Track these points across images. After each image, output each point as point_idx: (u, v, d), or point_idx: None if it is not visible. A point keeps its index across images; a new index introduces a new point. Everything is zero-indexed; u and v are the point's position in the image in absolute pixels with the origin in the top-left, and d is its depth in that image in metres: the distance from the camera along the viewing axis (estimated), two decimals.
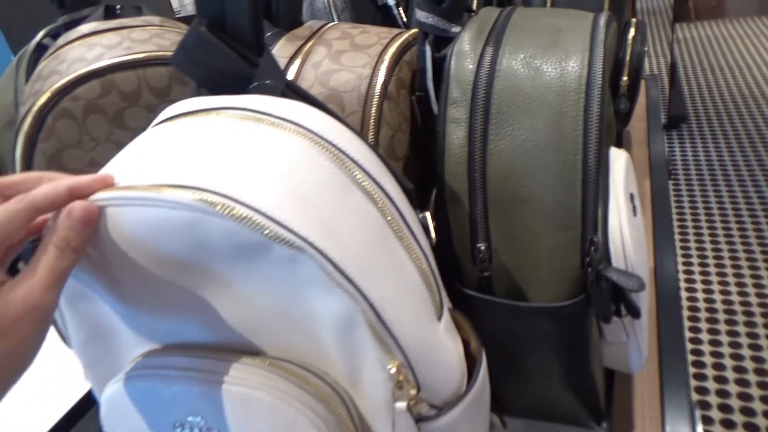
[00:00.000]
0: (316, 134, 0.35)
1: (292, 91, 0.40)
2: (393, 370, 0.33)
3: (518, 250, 0.41)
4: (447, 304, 0.40)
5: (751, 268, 1.78)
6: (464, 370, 0.38)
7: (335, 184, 0.34)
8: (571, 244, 0.39)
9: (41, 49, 0.66)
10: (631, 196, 0.48)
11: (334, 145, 0.35)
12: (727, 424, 1.38)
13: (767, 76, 2.98)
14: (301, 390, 0.35)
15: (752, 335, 1.56)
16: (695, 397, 1.44)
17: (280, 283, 0.33)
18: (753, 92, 2.81)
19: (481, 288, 0.42)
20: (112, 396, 0.40)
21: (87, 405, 0.57)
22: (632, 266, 0.42)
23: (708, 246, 1.89)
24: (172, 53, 0.55)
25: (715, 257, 1.84)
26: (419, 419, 0.35)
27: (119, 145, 0.56)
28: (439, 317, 0.38)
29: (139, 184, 0.32)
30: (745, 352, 1.52)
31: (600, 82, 0.39)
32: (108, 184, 0.32)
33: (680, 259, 1.79)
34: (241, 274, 0.33)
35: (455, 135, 0.41)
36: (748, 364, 1.48)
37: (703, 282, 1.75)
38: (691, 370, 1.50)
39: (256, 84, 0.39)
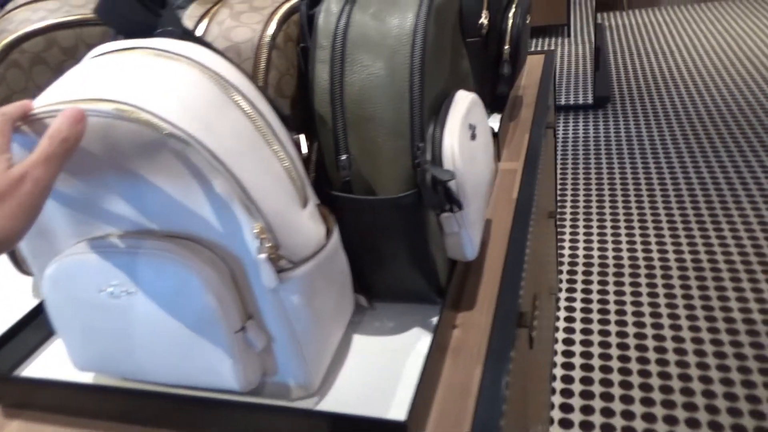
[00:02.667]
0: (203, 65, 0.47)
1: (189, 37, 0.51)
2: (257, 230, 0.45)
3: (369, 157, 0.53)
4: (314, 200, 0.52)
5: (641, 227, 1.97)
6: (322, 244, 0.51)
7: (216, 100, 0.46)
8: (404, 149, 0.52)
9: None
10: (471, 126, 0.61)
11: (216, 73, 0.47)
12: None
13: (687, 60, 3.19)
14: (194, 254, 0.47)
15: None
16: None
17: (175, 172, 0.45)
18: (673, 75, 3.02)
19: (344, 190, 0.55)
20: (51, 273, 0.52)
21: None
22: (459, 172, 0.55)
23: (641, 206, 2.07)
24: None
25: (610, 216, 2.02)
26: (280, 270, 0.47)
27: None
28: (304, 206, 0.50)
29: (68, 99, 0.43)
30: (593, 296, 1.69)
31: (423, 30, 0.51)
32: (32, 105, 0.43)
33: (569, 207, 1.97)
34: (145, 168, 0.45)
35: (322, 71, 0.54)
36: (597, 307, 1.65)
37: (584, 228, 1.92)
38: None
39: (160, 30, 0.51)
